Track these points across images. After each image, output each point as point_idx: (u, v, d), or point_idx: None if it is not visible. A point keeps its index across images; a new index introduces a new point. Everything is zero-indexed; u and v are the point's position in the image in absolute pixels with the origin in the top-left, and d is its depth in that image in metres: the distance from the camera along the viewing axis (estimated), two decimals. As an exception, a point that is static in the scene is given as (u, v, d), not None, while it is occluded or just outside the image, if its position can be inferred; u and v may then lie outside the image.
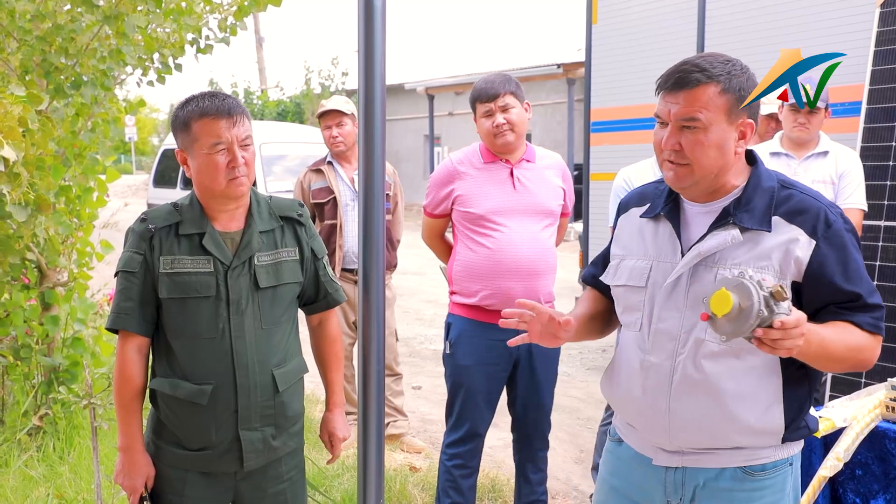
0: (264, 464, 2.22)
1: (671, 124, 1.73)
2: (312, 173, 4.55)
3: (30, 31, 4.04)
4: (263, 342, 2.16)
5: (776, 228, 1.74)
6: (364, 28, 1.81)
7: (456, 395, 3.22)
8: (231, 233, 2.17)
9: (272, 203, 2.27)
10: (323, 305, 2.38)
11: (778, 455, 1.81)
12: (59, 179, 3.97)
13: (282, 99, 24.91)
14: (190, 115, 2.09)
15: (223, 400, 2.12)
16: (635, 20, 6.41)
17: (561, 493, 4.01)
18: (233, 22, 4.57)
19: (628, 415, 1.92)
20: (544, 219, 3.16)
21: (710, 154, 1.72)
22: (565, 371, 6.41)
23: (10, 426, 4.07)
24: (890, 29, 4.40)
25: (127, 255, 2.14)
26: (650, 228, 1.90)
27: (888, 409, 2.38)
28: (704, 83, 1.70)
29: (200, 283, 2.11)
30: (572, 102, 16.90)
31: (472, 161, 3.20)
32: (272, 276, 2.18)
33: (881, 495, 2.36)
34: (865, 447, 2.37)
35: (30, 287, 4.24)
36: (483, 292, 3.09)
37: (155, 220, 2.14)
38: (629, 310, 1.90)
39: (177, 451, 2.16)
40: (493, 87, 3.11)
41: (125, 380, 2.13)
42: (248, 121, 2.14)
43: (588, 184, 6.74)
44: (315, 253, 2.31)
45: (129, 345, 2.14)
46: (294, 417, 2.28)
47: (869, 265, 4.20)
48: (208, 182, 2.10)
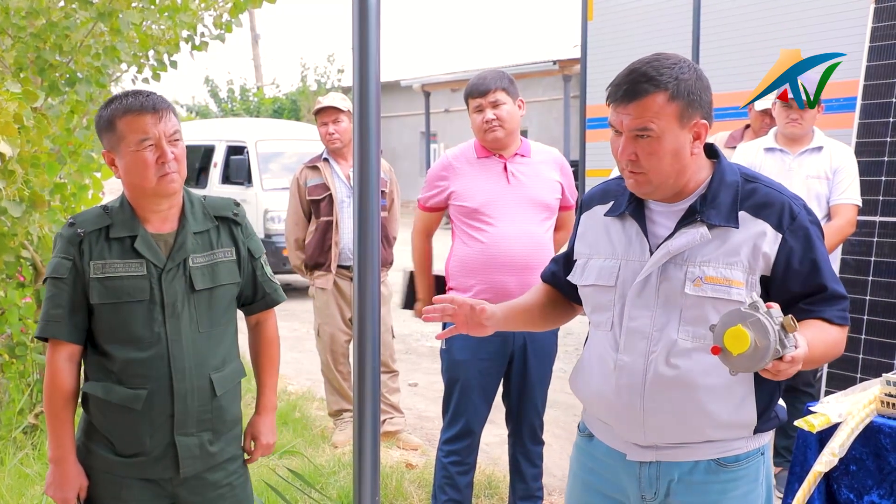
0: (202, 469, 2.16)
1: (625, 134, 1.72)
2: (308, 170, 4.55)
3: (24, 28, 4.02)
4: (201, 345, 2.11)
5: (743, 224, 1.74)
6: (358, 25, 1.81)
7: (452, 390, 3.23)
8: (164, 234, 2.11)
9: (206, 203, 2.21)
10: (261, 306, 2.33)
11: (750, 446, 1.83)
12: (54, 176, 3.96)
13: (278, 96, 24.85)
14: (114, 113, 2.04)
15: (158, 405, 2.07)
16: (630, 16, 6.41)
17: (558, 490, 4.02)
18: (228, 19, 4.57)
19: (601, 412, 1.92)
20: (540, 213, 3.17)
21: (665, 161, 1.72)
22: (562, 368, 6.41)
23: (5, 424, 4.07)
24: (884, 25, 4.40)
25: (55, 262, 2.07)
26: (616, 227, 1.88)
27: (883, 404, 2.39)
28: (653, 92, 1.68)
29: (133, 286, 2.05)
30: (568, 99, 16.90)
31: (466, 156, 3.23)
32: (208, 277, 2.13)
33: (875, 490, 2.36)
34: (860, 442, 2.38)
35: (25, 285, 4.23)
36: (477, 287, 3.11)
37: (84, 224, 2.07)
38: (599, 309, 1.89)
39: (110, 456, 2.11)
40: (484, 83, 3.14)
41: (55, 389, 2.08)
42: (176, 116, 2.09)
43: (584, 180, 6.74)
44: (252, 252, 2.25)
45: (59, 353, 2.07)
46: (232, 422, 2.23)
47: (864, 261, 4.21)
48: (138, 180, 2.04)
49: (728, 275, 1.72)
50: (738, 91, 5.05)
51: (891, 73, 4.33)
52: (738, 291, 1.72)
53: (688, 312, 1.75)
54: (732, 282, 1.72)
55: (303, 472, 3.80)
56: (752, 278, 1.73)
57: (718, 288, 1.72)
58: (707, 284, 1.73)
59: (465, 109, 3.28)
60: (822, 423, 2.38)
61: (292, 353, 6.74)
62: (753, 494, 1.85)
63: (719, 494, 1.82)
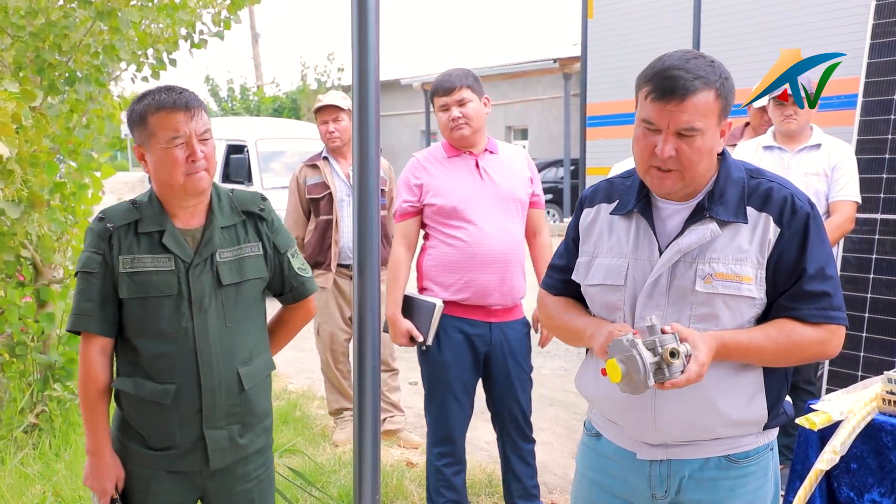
0: (231, 462, 2.19)
1: (666, 131, 1.69)
2: (308, 168, 4.54)
3: (23, 28, 4.02)
4: (228, 340, 2.13)
5: (751, 219, 1.74)
6: (357, 23, 1.80)
7: (433, 391, 3.24)
8: (192, 229, 2.12)
9: (234, 197, 2.22)
10: (289, 299, 2.35)
11: (760, 441, 1.84)
12: (53, 176, 3.96)
13: (278, 95, 24.87)
14: (146, 109, 2.04)
15: (187, 399, 2.09)
16: (630, 14, 6.41)
17: (558, 488, 4.01)
18: (226, 16, 4.56)
19: (610, 412, 1.91)
20: (514, 209, 3.19)
21: (704, 160, 1.71)
22: (562, 366, 6.42)
23: (6, 423, 4.06)
24: (886, 21, 4.40)
25: (86, 255, 2.09)
26: (623, 225, 1.86)
27: (884, 402, 2.39)
28: (703, 90, 1.66)
29: (161, 281, 2.07)
30: (568, 97, 16.89)
31: (436, 157, 3.23)
32: (235, 272, 2.14)
33: (875, 488, 2.36)
34: (861, 440, 2.37)
35: (25, 284, 4.23)
36: (456, 286, 3.13)
37: (113, 219, 2.09)
38: (608, 309, 1.86)
39: (142, 450, 2.14)
40: (449, 81, 3.14)
41: (89, 381, 2.10)
42: (207, 114, 2.10)
43: (584, 178, 6.74)
44: (278, 247, 2.25)
45: (91, 346, 2.10)
46: (261, 415, 2.25)
47: (865, 258, 4.20)
48: (166, 177, 2.05)
49: (738, 270, 1.72)
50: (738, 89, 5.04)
51: (892, 69, 4.32)
52: (749, 287, 1.72)
53: (698, 309, 1.74)
54: (742, 278, 1.72)
55: (303, 470, 3.80)
56: (761, 273, 1.72)
57: (728, 284, 1.72)
58: (717, 281, 1.72)
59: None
60: (823, 421, 2.37)
61: (292, 351, 6.74)
62: (763, 490, 1.85)
63: (730, 490, 1.82)
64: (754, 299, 1.73)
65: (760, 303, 1.74)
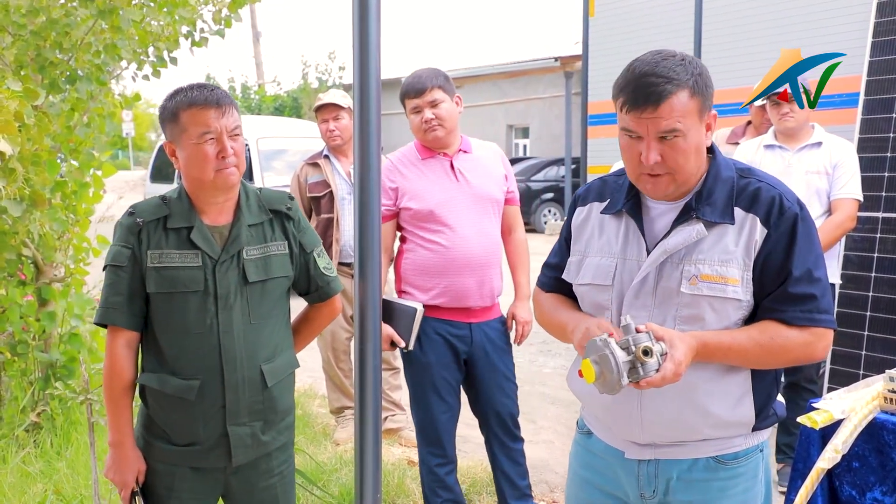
0: (254, 458, 2.21)
1: (648, 138, 1.67)
2: (309, 167, 4.54)
3: (24, 26, 4.02)
4: (252, 337, 2.14)
5: (738, 220, 1.72)
6: (359, 22, 1.80)
7: (418, 392, 3.23)
8: (220, 226, 2.15)
9: (262, 195, 2.25)
10: (314, 298, 2.37)
11: (749, 443, 1.82)
12: (55, 175, 3.96)
13: (279, 94, 24.88)
14: (178, 106, 2.07)
15: (211, 395, 2.11)
16: (632, 13, 6.40)
17: (560, 487, 4.01)
18: (227, 14, 4.56)
19: (598, 411, 1.91)
20: (490, 209, 3.18)
21: (691, 159, 1.70)
22: (563, 364, 6.41)
23: (7, 422, 4.07)
24: (887, 20, 4.39)
25: (115, 249, 2.12)
26: (612, 225, 1.86)
27: (886, 400, 2.38)
28: (676, 92, 1.64)
29: (188, 277, 2.09)
30: (570, 96, 16.88)
31: (410, 159, 3.20)
32: (261, 270, 2.16)
33: (877, 487, 2.35)
34: (863, 439, 2.37)
35: (26, 283, 4.23)
36: (436, 290, 3.11)
37: (143, 214, 2.12)
38: (596, 308, 1.86)
39: (165, 446, 2.16)
40: (419, 82, 3.10)
41: (114, 375, 2.12)
42: (237, 112, 2.13)
43: (585, 177, 6.74)
44: (304, 247, 2.27)
45: (118, 339, 2.12)
46: (284, 412, 2.27)
47: (867, 257, 4.20)
48: (197, 173, 2.08)
49: (724, 272, 1.70)
50: (739, 87, 5.04)
51: (894, 68, 4.31)
52: (735, 289, 1.70)
53: (683, 311, 1.73)
54: (728, 279, 1.70)
55: (304, 469, 3.80)
56: (747, 274, 1.71)
57: (714, 286, 1.70)
58: (703, 283, 1.71)
59: (467, 106, 3.25)
60: (824, 420, 2.37)
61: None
62: (753, 491, 1.84)
63: (719, 492, 1.81)
64: (740, 301, 1.71)
65: (747, 304, 1.72)
